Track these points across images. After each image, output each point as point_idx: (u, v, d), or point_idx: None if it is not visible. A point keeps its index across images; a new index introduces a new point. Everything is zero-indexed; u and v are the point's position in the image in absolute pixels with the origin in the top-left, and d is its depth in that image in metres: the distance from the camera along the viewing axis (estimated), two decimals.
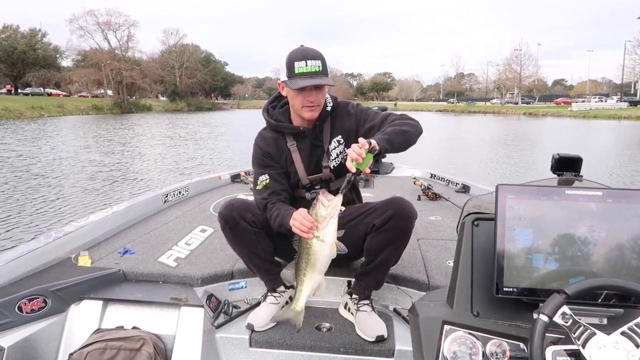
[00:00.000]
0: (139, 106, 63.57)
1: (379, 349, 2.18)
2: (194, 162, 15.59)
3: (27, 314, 2.15)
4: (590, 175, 1.52)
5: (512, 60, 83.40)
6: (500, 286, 1.29)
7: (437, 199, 4.59)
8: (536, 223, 1.30)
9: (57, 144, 19.82)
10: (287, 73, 2.16)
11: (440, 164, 14.27)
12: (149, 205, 3.80)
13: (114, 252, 2.84)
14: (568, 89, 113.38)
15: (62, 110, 47.38)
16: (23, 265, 2.43)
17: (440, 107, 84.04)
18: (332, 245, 1.85)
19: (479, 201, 1.62)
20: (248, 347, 2.26)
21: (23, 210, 8.29)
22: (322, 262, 1.89)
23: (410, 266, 2.69)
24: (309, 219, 1.85)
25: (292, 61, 2.14)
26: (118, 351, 2.06)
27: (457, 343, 1.31)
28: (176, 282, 2.53)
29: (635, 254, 1.25)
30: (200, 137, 25.14)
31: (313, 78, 2.12)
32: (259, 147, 2.38)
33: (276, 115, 2.38)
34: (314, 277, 1.92)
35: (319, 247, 1.85)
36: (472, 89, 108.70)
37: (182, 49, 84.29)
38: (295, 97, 2.20)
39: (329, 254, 1.87)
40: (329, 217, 1.83)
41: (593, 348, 1.09)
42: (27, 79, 68.26)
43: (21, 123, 32.58)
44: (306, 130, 2.32)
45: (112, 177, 11.88)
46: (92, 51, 67.35)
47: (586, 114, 53.18)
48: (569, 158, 1.55)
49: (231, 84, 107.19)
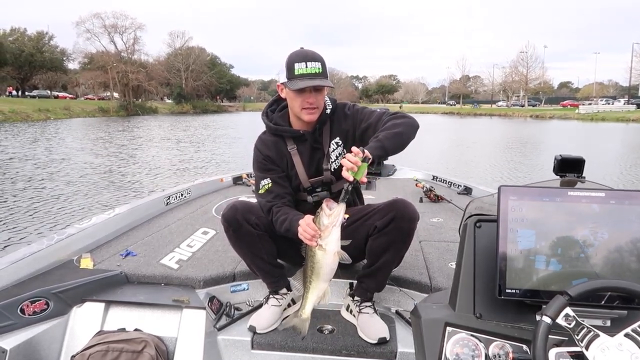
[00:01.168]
0: (144, 109, 63.74)
1: (381, 351, 2.17)
2: (201, 163, 15.64)
3: (29, 316, 2.15)
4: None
5: (518, 63, 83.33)
6: (502, 288, 1.29)
7: (439, 201, 4.58)
8: (539, 224, 1.29)
9: (61, 146, 19.90)
10: (286, 74, 2.16)
11: (445, 166, 14.23)
12: (151, 208, 3.80)
13: (116, 254, 2.83)
14: (574, 91, 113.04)
15: (69, 113, 47.59)
16: (25, 268, 2.42)
17: (446, 110, 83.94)
18: (335, 255, 1.84)
19: (481, 203, 1.61)
20: (250, 350, 2.26)
21: (25, 213, 8.32)
22: (325, 271, 1.88)
23: (413, 268, 2.68)
24: (312, 227, 1.84)
25: (292, 62, 2.14)
26: (120, 353, 2.05)
27: (459, 345, 1.30)
28: (178, 284, 2.53)
29: (638, 256, 1.25)
30: (203, 139, 25.22)
31: (313, 79, 2.12)
32: (259, 151, 2.37)
33: (275, 118, 2.37)
34: (319, 285, 1.91)
35: (321, 256, 1.85)
36: (478, 91, 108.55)
37: (188, 51, 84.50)
38: (294, 99, 2.20)
39: (331, 263, 1.86)
40: (331, 225, 1.82)
41: (596, 350, 1.08)
42: (34, 81, 68.77)
43: (24, 125, 32.73)
44: (306, 133, 2.31)
45: (115, 180, 11.90)
46: (99, 54, 67.74)
47: (594, 117, 52.88)
48: (571, 159, 1.55)
49: (237, 86, 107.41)
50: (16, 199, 9.44)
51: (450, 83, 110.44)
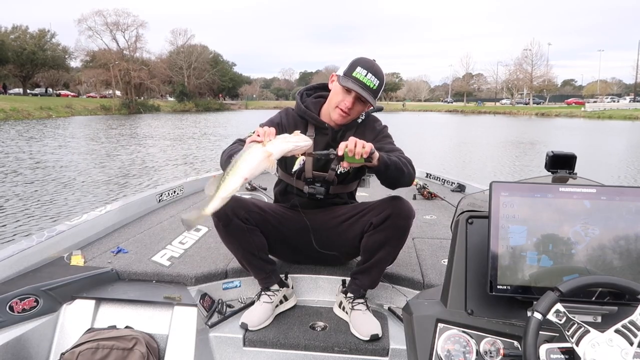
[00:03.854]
0: (147, 107, 63.88)
1: (374, 348, 2.17)
2: (199, 159, 15.64)
3: (18, 314, 2.13)
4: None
5: (523, 60, 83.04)
6: (494, 284, 1.29)
7: (433, 198, 4.60)
8: (530, 220, 1.30)
9: (63, 143, 19.97)
10: (345, 70, 2.21)
11: (448, 165, 14.15)
12: (143, 205, 3.80)
13: (107, 252, 2.82)
14: (577, 89, 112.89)
15: (71, 111, 47.72)
16: (15, 265, 2.41)
17: (449, 108, 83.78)
18: (269, 156, 1.78)
19: (474, 199, 1.61)
20: (242, 347, 2.25)
21: (17, 209, 8.31)
22: (249, 163, 1.79)
23: (405, 265, 2.68)
24: (271, 130, 1.84)
25: (356, 65, 2.19)
26: (110, 351, 2.03)
27: (451, 341, 1.31)
28: (170, 282, 2.51)
29: (629, 251, 1.25)
30: (202, 136, 25.24)
31: (364, 89, 2.16)
32: (281, 117, 2.41)
33: (308, 102, 2.39)
34: (234, 180, 1.80)
35: (256, 148, 1.80)
36: (480, 89, 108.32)
37: (190, 49, 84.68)
38: (336, 94, 2.23)
39: (259, 160, 1.78)
40: (288, 139, 1.82)
41: (587, 346, 1.08)
42: (36, 79, 68.89)
43: (22, 123, 32.78)
44: (329, 128, 2.33)
45: (108, 178, 11.84)
46: (101, 52, 67.94)
47: (601, 115, 52.71)
48: (563, 155, 1.57)
49: (239, 84, 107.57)
50: (6, 195, 9.43)
51: (453, 81, 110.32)
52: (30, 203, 8.78)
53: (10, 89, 66.40)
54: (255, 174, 1.83)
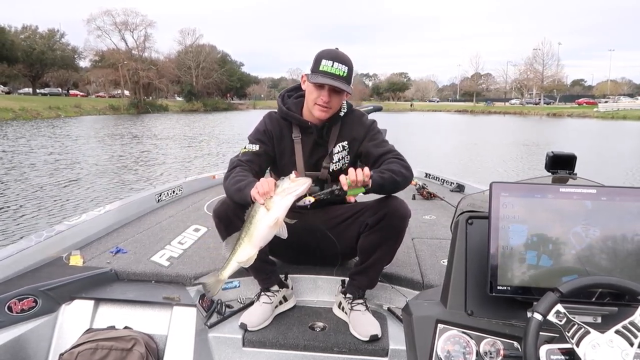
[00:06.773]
0: (155, 106, 64.32)
1: (373, 348, 2.16)
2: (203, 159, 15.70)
3: (17, 314, 2.13)
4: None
5: (533, 60, 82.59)
6: (494, 285, 1.28)
7: (432, 198, 4.60)
8: (530, 221, 1.29)
9: (59, 143, 20.06)
10: (312, 67, 2.22)
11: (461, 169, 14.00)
12: (142, 205, 3.81)
13: (106, 252, 2.82)
14: (587, 89, 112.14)
15: (79, 111, 48.16)
16: (13, 265, 2.41)
17: (459, 108, 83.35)
18: (277, 221, 1.81)
19: (473, 199, 1.60)
20: (241, 347, 2.24)
21: (15, 209, 8.36)
22: (260, 234, 1.84)
23: (405, 265, 2.67)
24: (270, 185, 1.84)
25: (321, 58, 2.20)
26: (109, 351, 2.03)
27: (450, 342, 1.30)
28: (169, 282, 2.51)
29: (629, 252, 1.24)
30: (210, 137, 25.33)
31: (334, 80, 2.16)
32: (265, 123, 2.40)
33: (289, 104, 2.40)
34: (248, 249, 1.86)
35: (262, 215, 1.82)
36: (489, 89, 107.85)
37: (198, 49, 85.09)
38: (311, 92, 2.23)
39: (269, 228, 1.82)
40: (289, 191, 1.82)
41: (587, 346, 1.08)
42: (45, 79, 69.43)
43: (27, 123, 33.00)
44: (313, 126, 2.33)
45: (110, 178, 11.91)
46: (109, 51, 68.34)
47: (614, 115, 51.82)
48: (563, 156, 1.57)
49: (247, 84, 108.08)
50: (5, 195, 9.50)
51: (462, 81, 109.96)
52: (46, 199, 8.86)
53: (20, 89, 66.96)
54: (268, 240, 1.89)
